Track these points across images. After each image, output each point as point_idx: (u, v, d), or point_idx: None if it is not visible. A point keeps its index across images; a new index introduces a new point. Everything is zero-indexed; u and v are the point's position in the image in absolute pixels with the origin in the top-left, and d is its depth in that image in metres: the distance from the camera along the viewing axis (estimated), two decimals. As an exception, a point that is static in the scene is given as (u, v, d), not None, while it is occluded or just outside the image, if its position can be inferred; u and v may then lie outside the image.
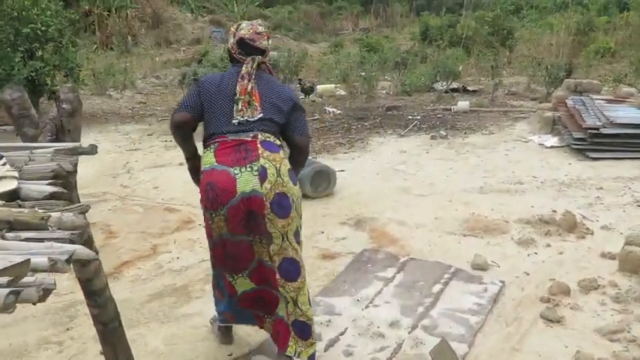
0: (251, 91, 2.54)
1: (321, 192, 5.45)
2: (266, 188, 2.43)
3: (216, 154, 2.50)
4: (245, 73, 2.56)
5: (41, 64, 8.20)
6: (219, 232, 2.55)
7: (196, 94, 2.62)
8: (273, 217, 2.47)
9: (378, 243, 4.34)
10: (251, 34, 2.66)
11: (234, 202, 2.41)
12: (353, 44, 21.84)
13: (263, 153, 2.47)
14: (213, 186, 2.45)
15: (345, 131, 8.17)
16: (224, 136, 2.51)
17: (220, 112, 2.55)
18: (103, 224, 4.73)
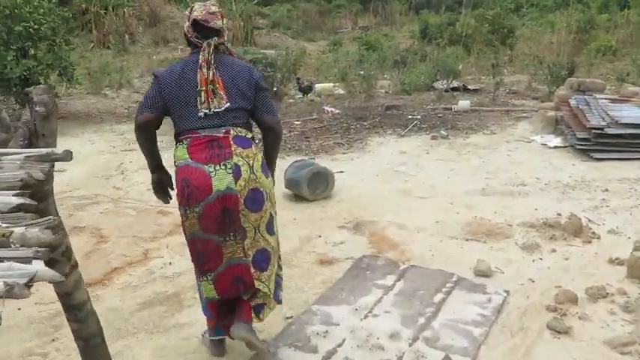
0: (213, 79, 2.50)
1: (318, 194, 5.31)
2: (240, 185, 2.47)
3: (189, 150, 2.49)
4: (203, 61, 2.50)
5: (34, 63, 8.05)
6: (190, 229, 2.55)
7: (157, 91, 2.56)
8: (247, 213, 2.51)
9: (377, 248, 4.20)
10: (204, 15, 2.60)
11: (210, 200, 2.43)
12: (352, 42, 21.69)
13: (236, 150, 2.49)
14: (189, 182, 2.46)
15: (344, 131, 8.02)
16: (196, 132, 2.50)
17: (185, 106, 2.51)
18: (94, 228, 4.59)
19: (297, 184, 5.26)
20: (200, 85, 2.49)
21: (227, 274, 2.58)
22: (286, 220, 4.81)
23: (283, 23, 24.06)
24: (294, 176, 5.31)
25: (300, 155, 6.99)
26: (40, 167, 1.56)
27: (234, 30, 19.87)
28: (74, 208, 5.07)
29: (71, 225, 4.64)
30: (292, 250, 4.21)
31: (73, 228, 4.58)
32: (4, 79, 7.97)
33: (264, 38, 21.42)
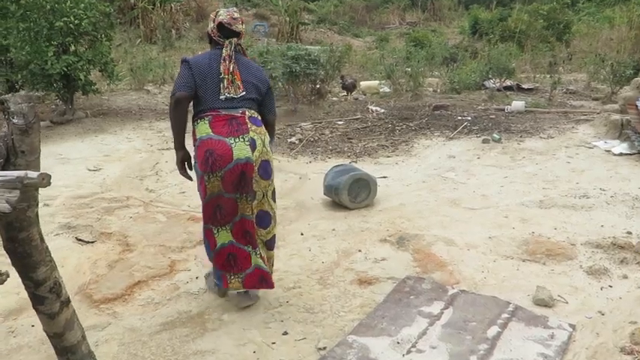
0: (233, 71, 3.01)
1: (359, 202, 4.94)
2: (255, 156, 3.00)
3: (211, 125, 2.96)
4: (226, 55, 3.02)
5: (75, 58, 7.93)
6: (213, 190, 2.99)
7: (190, 73, 3.01)
8: (259, 179, 3.06)
9: (422, 267, 3.80)
10: (228, 19, 3.11)
11: (231, 166, 2.92)
12: (399, 39, 21.18)
13: (251, 127, 3.01)
14: (212, 152, 2.92)
15: (389, 132, 7.61)
16: (217, 111, 2.98)
17: (211, 89, 3.00)
18: (121, 235, 4.35)
19: (336, 190, 4.90)
20: (223, 74, 3.00)
21: (239, 225, 3.09)
22: (324, 230, 4.47)
23: (329, 19, 23.69)
24: (334, 182, 4.95)
25: (341, 158, 6.64)
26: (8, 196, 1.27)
27: (279, 25, 19.67)
28: (104, 211, 4.86)
29: (98, 230, 4.43)
30: (329, 265, 3.86)
31: (100, 234, 4.36)
32: (45, 75, 7.90)
33: (310, 34, 21.12)
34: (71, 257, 3.97)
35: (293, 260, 3.95)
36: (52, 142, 7.39)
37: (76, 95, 8.84)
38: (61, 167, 6.25)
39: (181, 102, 3.00)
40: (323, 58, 8.98)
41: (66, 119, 8.43)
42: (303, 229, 4.50)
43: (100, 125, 8.29)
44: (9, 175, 1.33)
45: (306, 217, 4.82)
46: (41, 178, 1.36)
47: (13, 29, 7.63)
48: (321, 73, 8.78)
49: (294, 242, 4.27)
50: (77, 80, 8.14)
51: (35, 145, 1.54)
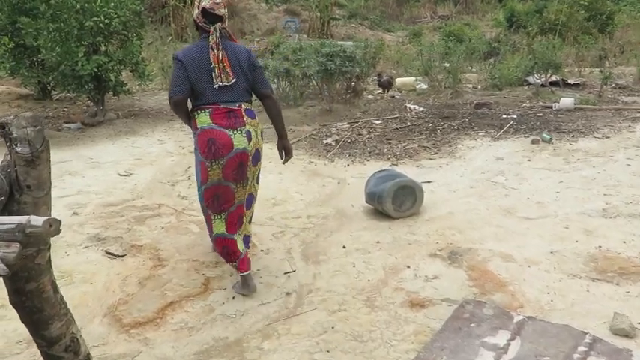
0: (222, 58, 3.16)
1: (404, 211, 4.60)
2: (251, 146, 3.27)
3: (212, 117, 3.17)
4: (213, 43, 3.16)
5: (105, 58, 7.76)
6: (214, 178, 3.22)
7: (184, 74, 3.15)
8: (250, 166, 3.33)
9: (480, 287, 3.44)
10: (211, 4, 3.20)
11: (231, 155, 3.17)
12: (432, 33, 20.63)
13: (247, 120, 3.24)
14: (215, 142, 3.15)
15: (430, 133, 7.22)
16: (216, 104, 3.18)
17: (205, 80, 3.16)
18: (152, 248, 4.09)
19: (380, 199, 4.57)
20: (213, 63, 3.16)
21: (235, 213, 3.38)
22: (368, 242, 4.15)
23: (360, 13, 23.26)
24: (377, 190, 4.62)
25: (381, 160, 6.30)
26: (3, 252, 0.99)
27: (310, 21, 19.35)
28: (134, 221, 4.62)
29: (129, 242, 4.18)
30: (376, 283, 3.54)
31: (131, 247, 4.11)
32: (76, 76, 7.74)
33: (341, 29, 20.76)
34: (100, 273, 3.73)
35: (337, 278, 3.64)
36: (84, 145, 7.23)
37: (107, 96, 8.69)
38: (92, 172, 6.06)
39: (179, 103, 3.23)
40: (358, 54, 8.63)
41: (97, 121, 8.28)
42: (346, 242, 4.18)
43: (132, 127, 8.11)
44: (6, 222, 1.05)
45: (348, 227, 4.50)
46: (48, 225, 1.07)
47: (44, 30, 7.48)
48: (357, 71, 8.42)
49: (337, 256, 3.95)
50: (108, 81, 7.98)
51: (44, 178, 1.26)
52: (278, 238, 4.29)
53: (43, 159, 1.27)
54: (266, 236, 4.33)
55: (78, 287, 3.55)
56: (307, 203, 5.07)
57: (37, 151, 1.23)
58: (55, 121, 8.57)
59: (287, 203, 5.07)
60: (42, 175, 1.28)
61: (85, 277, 3.68)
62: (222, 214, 3.34)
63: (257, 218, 4.68)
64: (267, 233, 4.39)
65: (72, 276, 3.68)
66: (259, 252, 4.04)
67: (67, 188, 5.52)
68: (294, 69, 8.50)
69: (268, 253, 4.03)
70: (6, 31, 8.42)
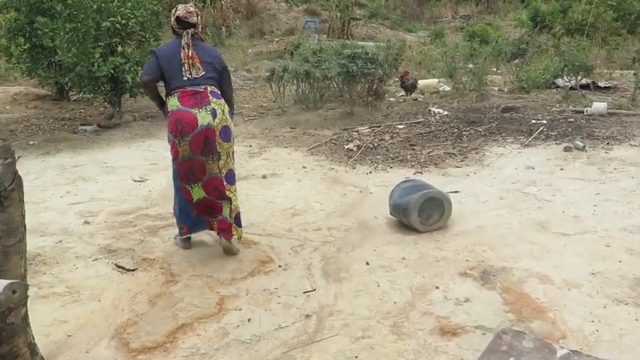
0: (192, 55, 3.61)
1: (431, 225, 4.33)
2: (216, 122, 3.60)
3: (179, 99, 3.58)
4: (184, 44, 3.62)
5: (122, 60, 7.60)
6: (183, 153, 3.61)
7: (155, 62, 3.66)
8: (221, 142, 3.65)
9: (516, 312, 3.16)
10: (184, 13, 3.70)
11: (196, 132, 3.54)
12: (454, 33, 20.26)
13: (212, 99, 3.62)
14: (181, 121, 3.54)
15: (456, 138, 6.93)
16: (184, 88, 3.60)
17: (175, 72, 3.62)
18: (164, 262, 3.88)
19: (405, 211, 4.30)
20: (183, 59, 3.61)
21: (209, 183, 3.72)
22: (393, 259, 3.89)
23: (381, 13, 22.93)
24: (402, 202, 4.36)
25: (404, 167, 6.03)
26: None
27: (330, 21, 19.10)
28: (147, 231, 4.42)
29: (140, 255, 3.98)
30: (403, 306, 3.28)
31: (142, 260, 3.90)
32: (92, 77, 7.60)
33: (361, 29, 20.48)
34: (109, 289, 3.53)
35: (360, 299, 3.39)
36: (99, 149, 7.08)
37: (124, 98, 8.54)
38: (106, 177, 5.88)
39: (147, 83, 3.73)
40: (380, 56, 8.35)
41: (113, 123, 8.13)
42: (369, 257, 3.93)
43: (148, 129, 7.95)
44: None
45: (371, 241, 4.25)
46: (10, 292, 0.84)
47: (60, 30, 7.35)
48: (379, 73, 8.15)
49: (360, 274, 3.70)
50: (124, 82, 7.82)
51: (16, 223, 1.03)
52: (297, 253, 4.05)
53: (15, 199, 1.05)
54: (284, 250, 4.09)
55: (85, 305, 3.34)
56: (328, 213, 4.83)
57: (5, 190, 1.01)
58: (72, 122, 8.44)
59: (307, 213, 4.83)
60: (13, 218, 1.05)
61: (93, 293, 3.47)
62: (198, 182, 3.72)
63: (275, 229, 4.45)
64: (286, 246, 4.15)
65: (79, 292, 3.48)
66: (277, 268, 3.80)
67: (79, 194, 5.34)
68: (315, 71, 8.26)
69: (287, 269, 3.79)
70: (24, 31, 8.33)
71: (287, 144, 7.15)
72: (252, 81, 12.38)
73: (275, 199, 5.19)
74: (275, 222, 4.64)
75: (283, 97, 8.87)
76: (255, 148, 7.00)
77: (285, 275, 3.71)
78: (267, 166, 6.21)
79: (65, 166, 6.27)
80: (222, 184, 3.73)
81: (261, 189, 5.46)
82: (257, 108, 9.37)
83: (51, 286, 3.54)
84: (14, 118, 8.74)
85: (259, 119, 8.52)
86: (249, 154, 6.69)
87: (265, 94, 10.51)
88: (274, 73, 8.66)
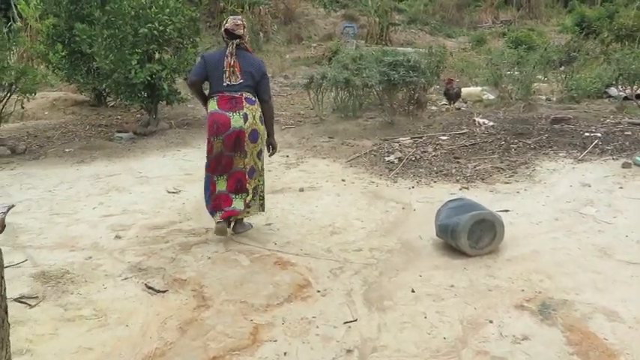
0: (233, 64, 4.05)
1: (482, 248, 4.01)
2: (247, 126, 4.09)
3: (217, 103, 4.08)
4: (228, 53, 4.07)
5: (159, 67, 7.50)
6: (217, 149, 4.12)
7: (203, 66, 4.18)
8: (248, 143, 4.14)
9: (583, 355, 2.82)
10: (232, 26, 4.12)
11: (229, 132, 4.05)
12: (495, 39, 19.75)
13: (245, 105, 4.09)
14: (217, 122, 4.06)
15: (503, 151, 6.57)
16: (222, 93, 4.08)
17: (217, 77, 4.08)
18: (197, 283, 3.66)
19: (453, 233, 3.99)
20: (225, 67, 4.05)
21: (234, 176, 4.20)
22: (440, 286, 3.59)
23: (420, 19, 22.53)
24: (450, 222, 4.05)
25: (449, 182, 5.71)
26: None
27: (368, 27, 18.84)
28: (179, 248, 4.22)
29: (172, 276, 3.77)
30: (454, 343, 2.97)
31: (173, 281, 3.70)
32: (129, 84, 7.52)
33: (400, 35, 20.15)
34: (138, 312, 3.33)
35: (406, 332, 3.10)
36: (134, 157, 6.97)
37: (160, 105, 8.44)
38: (140, 188, 5.74)
39: (193, 85, 4.28)
40: (423, 63, 8.05)
41: (149, 130, 8.04)
42: (414, 284, 3.63)
43: (184, 138, 7.82)
44: None
45: (416, 264, 3.95)
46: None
47: (98, 36, 7.28)
48: (422, 81, 7.84)
49: (405, 303, 3.41)
50: (161, 89, 7.71)
51: None
52: (337, 276, 3.79)
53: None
54: (323, 272, 3.83)
55: (112, 330, 3.15)
56: (369, 232, 4.55)
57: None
58: (108, 129, 8.38)
59: (346, 232, 4.56)
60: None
61: (121, 317, 3.28)
62: (224, 175, 4.22)
63: (313, 249, 4.20)
64: (325, 269, 3.89)
65: (107, 315, 3.29)
66: (315, 293, 3.55)
67: (112, 206, 5.20)
68: (355, 79, 8.00)
69: (325, 295, 3.53)
70: (63, 37, 8.33)
71: (325, 154, 6.91)
72: (289, 87, 12.21)
73: (313, 214, 4.94)
74: (313, 240, 4.39)
75: (321, 105, 8.65)
76: (292, 158, 6.78)
77: (324, 302, 3.45)
78: (304, 179, 5.98)
79: (99, 176, 6.16)
80: (244, 178, 4.24)
81: (299, 203, 5.22)
82: (294, 116, 9.17)
83: (78, 307, 3.37)
84: (52, 124, 8.75)
85: (296, 128, 8.32)
86: (286, 165, 6.47)
87: (303, 101, 10.32)
88: (313, 81, 8.44)
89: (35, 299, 3.44)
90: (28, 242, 4.38)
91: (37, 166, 6.67)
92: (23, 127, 8.59)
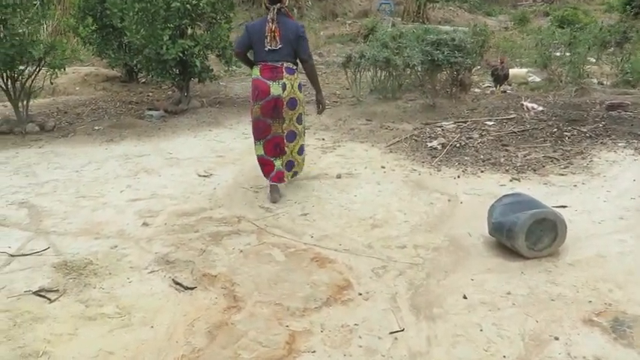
0: (274, 30, 4.33)
1: (541, 250, 3.63)
2: (285, 94, 4.43)
3: (260, 71, 4.42)
4: (270, 18, 4.34)
5: (191, 43, 7.18)
6: (256, 114, 4.51)
7: (247, 36, 4.51)
8: (287, 110, 4.50)
9: (669, 386, 2.46)
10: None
11: (268, 99, 4.40)
12: (537, 17, 18.93)
13: (285, 75, 4.41)
14: (257, 88, 4.42)
15: (556, 139, 6.09)
16: (265, 62, 4.41)
17: (260, 44, 4.40)
18: (227, 280, 3.38)
19: (509, 233, 3.61)
20: (267, 32, 4.34)
21: (271, 141, 4.59)
22: (496, 293, 3.24)
23: (460, -4, 21.72)
24: (506, 221, 3.67)
25: (498, 172, 5.30)
26: None
27: (405, 4, 18.22)
28: (209, 239, 3.95)
29: (201, 270, 3.50)
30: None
31: (202, 276, 3.43)
32: (160, 60, 7.24)
33: (438, 12, 19.47)
34: (164, 311, 3.06)
35: (460, 347, 2.76)
36: (164, 137, 6.71)
37: (192, 82, 8.16)
38: (169, 170, 5.48)
39: (238, 55, 4.72)
40: (468, 42, 7.55)
41: (180, 109, 7.76)
42: (466, 289, 3.29)
43: (216, 117, 7.52)
44: None
45: (467, 266, 3.60)
46: None
47: (129, 10, 7.00)
48: (468, 62, 7.36)
49: (457, 312, 3.07)
50: (193, 66, 7.41)
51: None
52: (380, 277, 3.46)
53: None
54: (364, 272, 3.51)
55: (136, 332, 2.89)
56: (413, 226, 4.20)
57: None
58: (139, 107, 8.15)
59: (388, 225, 4.22)
60: None
61: (145, 316, 3.02)
62: (261, 140, 4.58)
63: (353, 244, 3.88)
64: (366, 267, 3.56)
65: (130, 314, 3.04)
66: (357, 296, 3.23)
67: (140, 190, 4.96)
68: (395, 58, 7.56)
69: (368, 299, 3.21)
70: (95, 10, 8.08)
71: (363, 138, 6.53)
72: (323, 65, 11.79)
73: (351, 205, 4.61)
74: (352, 234, 4.06)
75: (359, 86, 8.24)
76: (329, 142, 6.42)
77: (367, 307, 3.13)
78: (341, 164, 5.63)
79: (128, 156, 5.92)
80: (282, 142, 4.59)
81: (336, 192, 4.89)
82: (329, 96, 8.78)
83: (100, 304, 3.12)
84: (82, 100, 8.56)
85: (332, 109, 7.94)
86: (322, 149, 6.12)
87: (338, 81, 9.92)
88: (350, 59, 8.03)
89: (55, 293, 3.21)
90: (52, 227, 4.16)
91: (66, 144, 6.47)
92: (53, 102, 8.41)
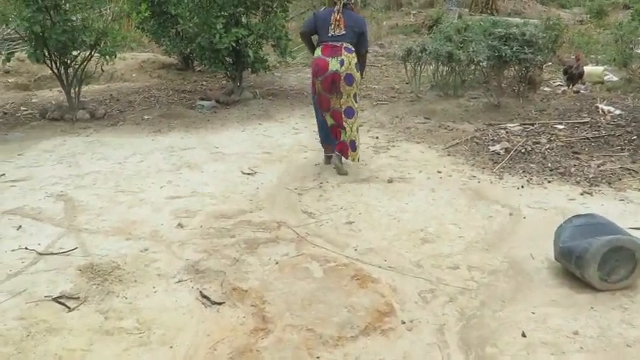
0: (339, 19, 4.75)
1: (615, 282, 3.15)
2: (342, 70, 4.76)
3: (321, 50, 4.83)
4: (336, 10, 4.78)
5: (245, 32, 6.94)
6: (318, 89, 4.91)
7: (313, 20, 4.99)
8: (344, 85, 4.82)
9: None
10: None
11: (327, 74, 4.78)
12: (615, 10, 17.69)
13: (344, 53, 4.77)
14: (317, 65, 4.82)
15: (635, 149, 5.48)
16: (326, 42, 4.82)
17: (324, 30, 4.83)
18: (258, 297, 3.10)
19: (579, 260, 3.16)
20: (332, 21, 4.78)
21: (333, 113, 4.97)
22: (560, 332, 2.81)
23: (533, -14, 20.62)
24: (575, 246, 3.21)
25: (567, 183, 4.79)
26: None
27: (474, -6, 17.44)
28: (245, 246, 3.68)
29: (231, 283, 3.23)
30: None
31: (232, 290, 3.16)
32: (213, 49, 7.04)
33: (508, 4, 18.53)
34: (187, 330, 2.82)
35: (514, 400, 2.37)
36: (212, 129, 6.53)
37: (246, 72, 7.94)
38: (213, 166, 5.28)
39: (303, 35, 5.11)
40: (540, 38, 6.95)
41: (232, 100, 7.57)
42: (526, 325, 2.87)
43: (267, 110, 7.28)
44: None
45: (528, 295, 3.17)
46: None
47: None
48: (539, 59, 6.79)
49: (514, 353, 2.66)
50: (246, 57, 7.17)
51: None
52: (427, 302, 3.10)
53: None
54: (410, 295, 3.15)
55: (153, 351, 2.65)
56: (468, 243, 3.79)
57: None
58: (191, 96, 8.02)
59: (441, 240, 3.83)
60: None
61: (165, 334, 2.78)
62: (327, 112, 4.98)
63: (399, 261, 3.52)
64: (412, 290, 3.20)
65: (150, 330, 2.80)
66: (399, 325, 2.88)
67: (181, 186, 4.76)
68: (459, 53, 7.07)
69: (412, 329, 2.85)
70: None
71: (420, 138, 6.13)
72: (384, 57, 11.35)
73: (402, 214, 4.24)
74: (400, 249, 3.70)
75: (419, 81, 7.80)
76: (383, 140, 6.06)
77: (410, 339, 2.78)
78: (394, 167, 5.26)
79: (174, 149, 5.76)
80: (340, 117, 4.92)
81: (386, 198, 4.53)
82: (387, 90, 8.39)
83: (120, 316, 2.90)
84: (136, 87, 8.52)
85: (389, 104, 7.55)
86: (375, 149, 5.76)
87: (398, 74, 9.48)
88: (411, 53, 7.59)
89: (76, 300, 3.02)
90: (84, 224, 4.01)
91: (113, 133, 6.38)
92: (107, 89, 8.41)
